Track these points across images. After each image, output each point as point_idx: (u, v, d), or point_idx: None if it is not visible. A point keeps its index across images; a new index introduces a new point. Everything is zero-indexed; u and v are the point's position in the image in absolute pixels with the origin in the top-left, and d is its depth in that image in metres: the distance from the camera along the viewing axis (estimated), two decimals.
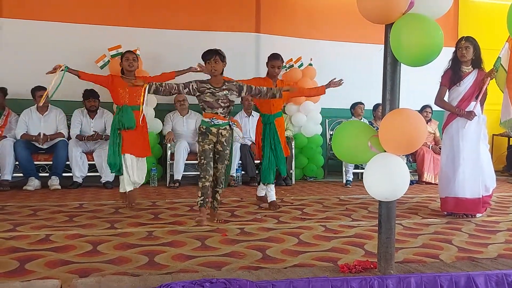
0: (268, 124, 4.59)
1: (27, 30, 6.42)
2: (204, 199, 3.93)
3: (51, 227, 3.71)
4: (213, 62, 3.89)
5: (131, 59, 4.56)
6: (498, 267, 2.70)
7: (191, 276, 2.46)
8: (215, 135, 3.99)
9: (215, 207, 4.15)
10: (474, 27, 7.60)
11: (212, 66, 3.90)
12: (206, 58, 3.93)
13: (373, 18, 2.49)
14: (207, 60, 3.92)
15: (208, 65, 3.92)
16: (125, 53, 4.63)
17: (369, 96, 7.13)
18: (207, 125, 3.98)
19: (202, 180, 3.93)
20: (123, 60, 4.60)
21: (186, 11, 7.00)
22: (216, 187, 4.11)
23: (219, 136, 4.00)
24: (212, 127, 3.97)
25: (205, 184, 3.92)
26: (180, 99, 6.48)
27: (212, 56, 3.90)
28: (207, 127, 3.97)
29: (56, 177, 5.81)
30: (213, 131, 3.98)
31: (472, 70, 4.38)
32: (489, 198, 4.53)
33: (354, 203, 5.07)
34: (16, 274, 2.57)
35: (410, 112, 2.44)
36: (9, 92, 6.09)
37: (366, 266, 2.63)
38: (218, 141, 4.01)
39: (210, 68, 3.92)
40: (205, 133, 3.98)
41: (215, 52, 3.92)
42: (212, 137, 3.99)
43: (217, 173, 4.07)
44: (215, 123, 3.97)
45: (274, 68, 4.53)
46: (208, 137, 3.97)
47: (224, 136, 4.01)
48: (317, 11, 7.66)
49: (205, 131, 3.98)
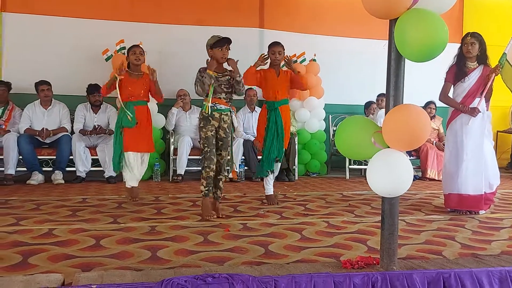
0: (273, 111, 4.51)
1: (31, 25, 6.43)
2: (208, 189, 3.98)
3: (54, 221, 3.72)
4: (225, 50, 3.99)
5: (137, 53, 4.56)
6: (501, 264, 2.69)
7: (193, 271, 2.46)
8: (218, 120, 4.02)
9: (218, 196, 4.15)
10: (479, 22, 7.54)
11: (223, 53, 3.98)
12: (219, 44, 3.97)
13: (378, 13, 2.48)
14: (220, 47, 3.97)
15: (220, 52, 3.98)
16: (132, 47, 4.63)
17: (372, 92, 7.12)
18: (209, 110, 4.00)
19: (207, 170, 3.96)
20: (129, 54, 4.60)
21: (190, 6, 6.98)
22: (219, 175, 4.12)
23: (221, 121, 4.04)
24: (215, 111, 4.01)
25: (209, 174, 3.96)
26: (181, 94, 6.47)
27: (225, 44, 3.98)
28: (210, 112, 4.00)
29: (60, 172, 5.82)
30: (215, 116, 4.01)
31: (477, 66, 4.35)
32: (493, 195, 4.52)
33: (357, 199, 5.06)
34: (19, 268, 2.57)
35: (414, 108, 2.43)
36: (13, 86, 6.10)
37: (369, 262, 2.63)
38: (220, 126, 4.04)
39: (221, 55, 3.98)
40: (207, 118, 4.00)
41: (228, 40, 4.00)
42: (214, 122, 4.01)
43: (221, 160, 4.10)
44: (217, 108, 4.01)
45: (275, 53, 4.50)
46: (210, 122, 4.00)
47: (226, 122, 4.06)
48: (320, 7, 7.62)
49: (207, 116, 4.00)
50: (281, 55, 4.53)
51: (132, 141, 4.53)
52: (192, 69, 4.58)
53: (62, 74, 6.38)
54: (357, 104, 7.58)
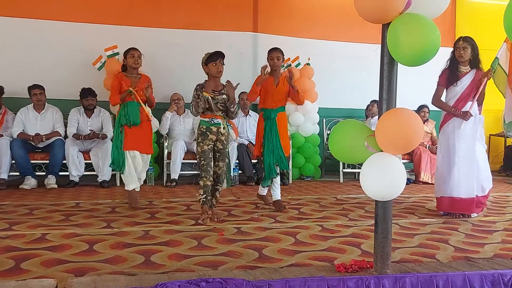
0: (270, 120, 4.52)
1: (23, 29, 6.40)
2: (206, 197, 4.00)
3: (47, 226, 3.70)
4: (219, 64, 3.97)
5: (136, 56, 4.56)
6: (494, 267, 2.71)
7: (187, 276, 2.46)
8: (215, 133, 4.06)
9: (213, 204, 4.18)
10: (471, 27, 7.61)
11: (218, 68, 3.97)
12: (212, 59, 3.96)
13: (370, 17, 2.50)
14: (214, 61, 3.95)
15: (215, 66, 3.96)
16: (130, 50, 4.60)
17: (366, 96, 7.15)
18: (207, 125, 4.04)
19: (204, 179, 3.99)
20: (127, 57, 4.57)
21: (183, 10, 6.98)
22: (216, 185, 4.17)
23: (218, 134, 4.07)
24: (212, 126, 4.04)
25: (206, 183, 3.99)
26: (175, 98, 6.47)
27: (218, 58, 3.96)
28: (207, 126, 4.04)
29: (53, 176, 5.79)
30: (213, 130, 4.05)
31: (469, 70, 4.38)
32: (485, 199, 4.54)
33: (351, 203, 5.07)
34: (11, 273, 2.56)
35: (407, 112, 2.44)
36: (6, 90, 6.07)
37: (363, 266, 2.63)
38: (218, 139, 4.08)
39: (216, 69, 3.97)
40: (205, 133, 4.03)
41: (221, 54, 3.97)
42: (212, 136, 4.05)
43: (218, 171, 4.13)
44: (215, 122, 4.05)
45: (273, 59, 4.50)
46: (208, 136, 4.03)
47: (223, 135, 4.09)
48: (314, 11, 7.65)
49: (205, 131, 4.04)
50: (279, 60, 4.54)
51: (133, 141, 4.52)
52: (186, 73, 4.60)
53: (55, 78, 6.35)
54: (351, 108, 7.61)
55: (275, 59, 4.51)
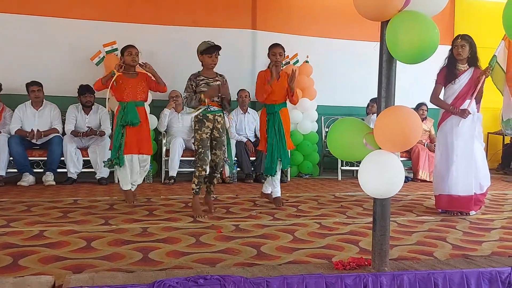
0: (273, 114, 4.53)
1: (22, 25, 6.38)
2: (199, 188, 4.13)
3: (45, 223, 3.70)
4: (214, 57, 4.12)
5: (134, 54, 4.52)
6: (492, 265, 2.71)
7: (185, 273, 2.46)
8: (212, 121, 4.16)
9: (211, 190, 4.32)
10: (470, 25, 7.61)
11: (213, 60, 4.12)
12: (209, 51, 4.10)
13: (369, 15, 2.49)
14: (210, 54, 4.10)
15: (210, 59, 4.11)
16: (128, 47, 4.55)
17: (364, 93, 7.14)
18: (203, 112, 4.13)
19: (199, 169, 4.09)
20: (125, 55, 4.53)
21: (182, 7, 6.97)
22: (214, 172, 4.27)
23: (215, 122, 4.17)
24: (209, 113, 4.14)
25: (201, 173, 4.10)
26: (173, 95, 6.47)
27: (215, 51, 4.11)
28: (204, 114, 4.13)
29: (51, 173, 5.78)
30: (209, 118, 4.15)
31: (468, 68, 4.38)
32: (483, 197, 4.55)
33: (349, 200, 5.07)
34: (9, 270, 2.56)
35: (405, 110, 2.44)
36: (4, 87, 6.05)
37: (361, 263, 2.63)
38: (214, 127, 4.18)
39: (211, 62, 4.12)
40: (202, 120, 4.14)
41: (218, 47, 4.13)
42: (209, 124, 4.14)
43: (216, 159, 4.23)
44: (211, 110, 4.15)
45: (276, 55, 4.50)
46: (205, 124, 4.13)
47: (219, 123, 4.20)
48: (313, 8, 7.64)
49: (202, 118, 4.14)
50: (281, 56, 4.55)
51: (133, 144, 4.51)
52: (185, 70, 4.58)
53: (53, 75, 6.34)
54: (349, 105, 7.62)
55: (277, 54, 4.51)
